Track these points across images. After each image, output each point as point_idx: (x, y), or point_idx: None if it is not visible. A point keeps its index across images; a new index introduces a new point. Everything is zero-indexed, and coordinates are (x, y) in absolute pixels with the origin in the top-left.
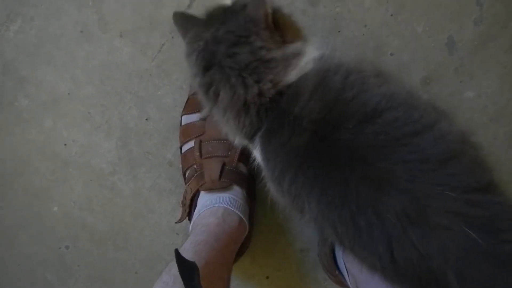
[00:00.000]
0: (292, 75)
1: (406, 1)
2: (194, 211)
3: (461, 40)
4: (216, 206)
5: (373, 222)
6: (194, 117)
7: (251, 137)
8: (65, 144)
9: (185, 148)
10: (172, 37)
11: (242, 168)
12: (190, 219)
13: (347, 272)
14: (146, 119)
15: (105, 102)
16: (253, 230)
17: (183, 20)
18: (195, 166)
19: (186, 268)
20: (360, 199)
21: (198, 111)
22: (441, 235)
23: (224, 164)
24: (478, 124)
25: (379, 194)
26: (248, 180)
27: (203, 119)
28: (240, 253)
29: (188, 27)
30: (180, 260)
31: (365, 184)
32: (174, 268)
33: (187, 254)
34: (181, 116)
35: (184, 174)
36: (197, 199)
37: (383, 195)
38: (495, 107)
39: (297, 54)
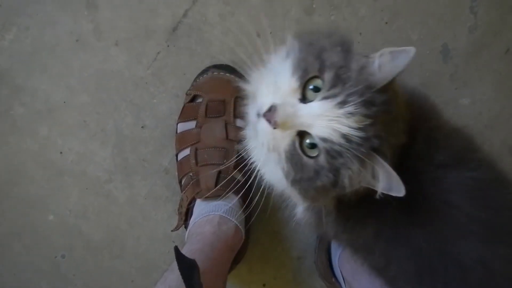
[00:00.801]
0: None
1: (401, 9)
2: (190, 219)
3: (456, 48)
4: (211, 214)
5: (447, 265)
6: (189, 125)
7: None
8: (61, 153)
9: (181, 155)
10: (168, 46)
11: (238, 176)
12: (186, 227)
13: (343, 279)
14: (142, 127)
15: (101, 110)
16: (250, 238)
17: None
18: (191, 174)
19: (186, 266)
20: (443, 241)
21: (194, 119)
22: (505, 284)
23: (219, 172)
24: (473, 131)
25: (461, 239)
26: (244, 188)
27: (199, 127)
28: (236, 261)
29: None
30: (180, 258)
31: (450, 228)
32: (169, 278)
33: None
34: (177, 124)
35: (180, 182)
36: (193, 207)
37: (466, 241)
38: (490, 114)
39: None
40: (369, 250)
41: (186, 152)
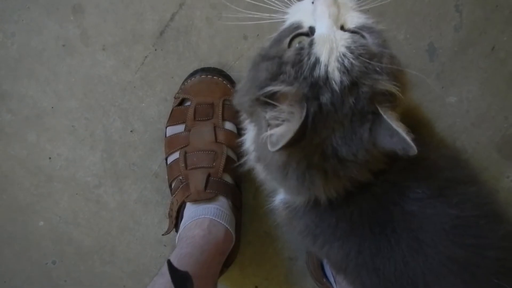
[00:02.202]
0: None
1: (387, 9)
2: (181, 223)
3: (442, 47)
4: (201, 217)
5: None
6: (178, 129)
7: None
8: (50, 158)
9: (171, 159)
10: (155, 50)
11: (228, 178)
12: (177, 231)
13: (334, 280)
14: (131, 131)
15: (89, 115)
16: (241, 240)
17: None
18: (180, 177)
19: (179, 279)
20: (417, 279)
21: (182, 122)
22: None
23: (209, 175)
24: (460, 129)
25: (439, 279)
26: (233, 190)
27: (188, 130)
28: (227, 263)
29: None
30: (173, 271)
31: (424, 265)
32: (157, 283)
33: None
34: (166, 128)
35: (170, 186)
36: (183, 210)
37: (444, 280)
38: (477, 112)
39: None
40: (340, 267)
41: (176, 155)
